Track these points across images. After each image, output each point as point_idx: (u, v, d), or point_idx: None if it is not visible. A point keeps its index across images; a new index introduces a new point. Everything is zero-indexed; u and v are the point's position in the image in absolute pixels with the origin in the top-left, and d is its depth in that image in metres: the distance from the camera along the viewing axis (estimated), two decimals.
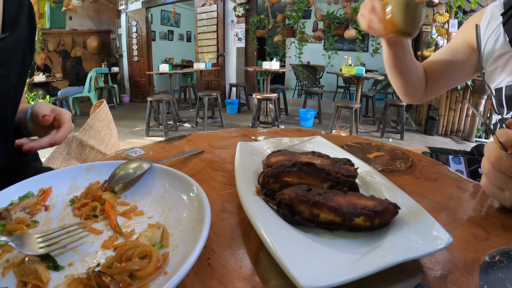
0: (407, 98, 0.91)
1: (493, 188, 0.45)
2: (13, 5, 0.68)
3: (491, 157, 0.43)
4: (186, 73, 7.54)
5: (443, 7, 4.37)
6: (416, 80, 0.85)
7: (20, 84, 0.69)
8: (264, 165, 0.51)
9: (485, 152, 0.44)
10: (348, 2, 4.89)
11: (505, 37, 0.73)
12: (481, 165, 0.46)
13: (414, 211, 0.39)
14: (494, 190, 0.45)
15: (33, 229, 0.39)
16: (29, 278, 0.31)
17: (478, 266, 0.34)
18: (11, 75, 0.65)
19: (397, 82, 0.86)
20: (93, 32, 7.55)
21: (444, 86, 0.89)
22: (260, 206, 0.40)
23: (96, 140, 1.53)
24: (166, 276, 0.31)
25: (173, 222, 0.40)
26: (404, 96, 0.91)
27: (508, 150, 0.41)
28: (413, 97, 0.90)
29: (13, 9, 0.68)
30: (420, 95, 0.90)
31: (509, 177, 0.42)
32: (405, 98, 0.92)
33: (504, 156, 0.41)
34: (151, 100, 4.23)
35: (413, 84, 0.86)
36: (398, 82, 0.86)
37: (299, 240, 0.35)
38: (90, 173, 0.52)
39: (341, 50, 7.35)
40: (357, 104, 3.75)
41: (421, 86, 0.87)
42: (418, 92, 0.88)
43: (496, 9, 0.78)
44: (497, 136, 0.42)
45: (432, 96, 0.92)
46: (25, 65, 0.69)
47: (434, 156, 0.92)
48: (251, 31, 5.83)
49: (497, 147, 0.42)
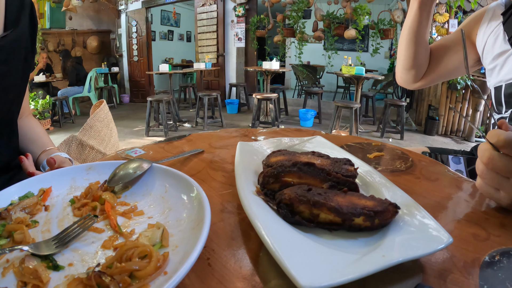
0: (408, 74, 0.91)
1: (488, 188, 0.45)
2: (14, 3, 0.68)
3: (483, 158, 0.43)
4: (186, 73, 7.54)
5: (443, 7, 4.36)
6: (424, 55, 0.86)
7: (23, 82, 0.70)
8: (264, 165, 0.51)
9: (478, 153, 0.45)
10: (348, 2, 4.89)
11: (505, 35, 0.73)
12: (476, 167, 0.46)
13: (414, 211, 0.39)
14: (490, 190, 0.45)
15: (33, 229, 0.39)
16: (29, 278, 0.31)
17: (478, 266, 0.34)
18: (14, 73, 0.65)
19: (407, 51, 0.86)
20: (93, 32, 7.55)
21: (442, 74, 0.90)
22: (260, 206, 0.40)
23: (96, 140, 1.53)
24: (166, 276, 0.31)
25: (173, 222, 0.40)
26: (406, 71, 0.90)
27: (500, 151, 0.41)
28: (414, 74, 0.89)
29: (15, 7, 0.68)
30: (419, 75, 0.90)
31: (503, 177, 0.42)
32: (406, 73, 0.91)
33: (496, 157, 0.42)
34: (151, 100, 4.22)
35: (420, 58, 0.86)
36: (408, 51, 0.86)
37: (299, 240, 0.35)
38: (90, 173, 0.52)
39: (341, 50, 7.35)
40: (357, 104, 3.75)
41: (424, 63, 0.88)
42: (420, 70, 0.89)
43: (498, 8, 0.78)
44: (488, 138, 0.42)
45: (428, 82, 0.93)
46: (27, 63, 0.69)
47: (434, 156, 0.92)
48: (251, 31, 5.83)
49: (489, 148, 0.42)
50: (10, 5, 0.68)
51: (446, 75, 0.90)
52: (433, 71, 0.90)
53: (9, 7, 0.67)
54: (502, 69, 0.74)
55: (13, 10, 0.68)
